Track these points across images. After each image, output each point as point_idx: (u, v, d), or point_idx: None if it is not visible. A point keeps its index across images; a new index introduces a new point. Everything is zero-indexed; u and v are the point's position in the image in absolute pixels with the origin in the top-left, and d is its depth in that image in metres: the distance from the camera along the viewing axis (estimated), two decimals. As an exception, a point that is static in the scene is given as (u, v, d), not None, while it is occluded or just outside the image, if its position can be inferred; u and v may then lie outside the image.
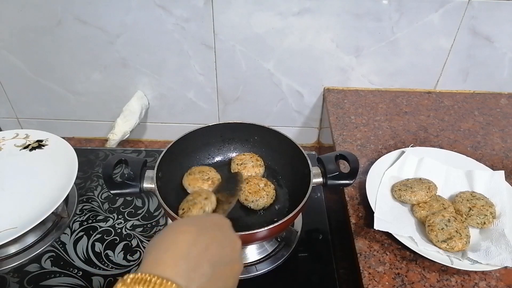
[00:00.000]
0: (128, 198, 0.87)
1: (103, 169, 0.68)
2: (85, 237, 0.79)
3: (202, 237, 0.39)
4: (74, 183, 0.80)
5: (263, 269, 0.73)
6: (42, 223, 0.73)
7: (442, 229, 0.66)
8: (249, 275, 0.72)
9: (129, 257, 0.76)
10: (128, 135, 1.10)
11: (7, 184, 0.83)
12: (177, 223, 0.42)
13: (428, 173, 0.79)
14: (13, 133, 0.94)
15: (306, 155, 0.73)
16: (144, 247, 0.78)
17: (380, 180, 0.77)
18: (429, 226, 0.67)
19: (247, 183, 0.78)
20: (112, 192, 0.68)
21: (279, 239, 0.78)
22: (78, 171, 0.81)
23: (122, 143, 1.11)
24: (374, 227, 0.65)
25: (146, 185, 0.69)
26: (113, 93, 1.14)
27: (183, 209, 0.62)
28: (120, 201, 0.87)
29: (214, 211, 0.57)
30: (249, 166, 0.81)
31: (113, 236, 0.79)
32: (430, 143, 0.91)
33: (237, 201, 0.77)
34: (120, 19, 0.98)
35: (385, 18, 0.95)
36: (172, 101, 1.16)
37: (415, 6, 0.93)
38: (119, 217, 0.83)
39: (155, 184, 0.68)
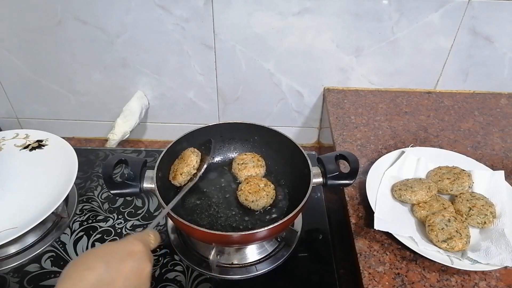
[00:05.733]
0: (128, 198, 0.87)
1: (103, 169, 0.68)
2: (85, 237, 0.79)
3: (108, 274, 0.44)
4: (74, 183, 0.80)
5: (263, 269, 0.73)
6: (42, 223, 0.73)
7: (442, 229, 0.66)
8: (249, 275, 0.72)
9: (129, 257, 0.76)
10: (128, 135, 1.10)
11: (7, 184, 0.83)
12: (88, 257, 0.45)
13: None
14: (13, 133, 0.94)
15: (306, 155, 0.73)
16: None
17: (380, 180, 0.77)
18: (429, 226, 0.67)
19: (247, 183, 0.78)
20: (112, 192, 0.68)
21: (279, 239, 0.77)
22: (78, 171, 0.81)
23: (122, 143, 1.11)
24: (374, 227, 0.65)
25: (146, 185, 0.69)
26: (113, 93, 1.14)
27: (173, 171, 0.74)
28: (120, 201, 0.87)
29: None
30: (250, 166, 0.81)
31: (113, 236, 0.79)
32: (430, 143, 0.90)
33: (237, 201, 0.77)
34: (120, 19, 0.98)
35: (385, 18, 0.95)
36: (172, 101, 1.16)
37: (415, 6, 0.93)
38: (119, 217, 0.83)
39: (155, 184, 0.68)
